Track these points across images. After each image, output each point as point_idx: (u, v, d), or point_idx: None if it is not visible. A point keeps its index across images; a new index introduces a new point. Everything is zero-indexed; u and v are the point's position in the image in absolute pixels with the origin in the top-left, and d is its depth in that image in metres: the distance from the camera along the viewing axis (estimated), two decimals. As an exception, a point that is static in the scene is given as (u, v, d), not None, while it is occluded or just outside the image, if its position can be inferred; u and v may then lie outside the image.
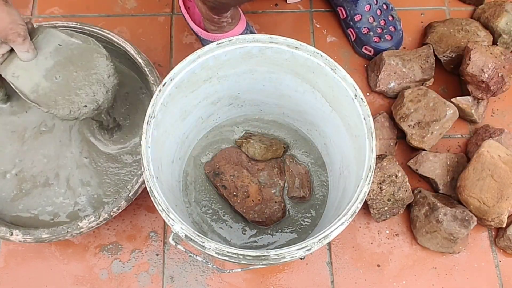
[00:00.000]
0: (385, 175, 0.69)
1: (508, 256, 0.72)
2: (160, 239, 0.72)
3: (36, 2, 0.88)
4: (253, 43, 0.57)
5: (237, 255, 0.47)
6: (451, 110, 0.72)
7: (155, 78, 0.69)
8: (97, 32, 0.71)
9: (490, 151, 0.68)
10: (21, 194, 0.70)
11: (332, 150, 0.69)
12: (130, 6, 0.88)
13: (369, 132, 0.53)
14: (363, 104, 0.54)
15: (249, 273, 0.70)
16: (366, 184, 0.51)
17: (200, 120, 0.70)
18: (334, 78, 0.57)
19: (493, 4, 0.84)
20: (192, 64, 0.56)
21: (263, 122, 0.75)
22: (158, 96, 0.55)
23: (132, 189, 0.63)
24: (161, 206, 0.49)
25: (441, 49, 0.81)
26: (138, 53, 0.70)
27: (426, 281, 0.70)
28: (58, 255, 0.70)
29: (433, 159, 0.73)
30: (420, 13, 0.89)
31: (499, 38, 0.81)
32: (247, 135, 0.73)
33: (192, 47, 0.85)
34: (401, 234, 0.73)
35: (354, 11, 0.82)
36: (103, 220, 0.61)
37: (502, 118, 0.81)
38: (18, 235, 0.61)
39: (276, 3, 0.90)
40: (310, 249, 0.48)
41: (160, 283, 0.69)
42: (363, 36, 0.82)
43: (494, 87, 0.73)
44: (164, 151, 0.61)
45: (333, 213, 0.63)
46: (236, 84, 0.66)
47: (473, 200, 0.67)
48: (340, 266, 0.71)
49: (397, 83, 0.78)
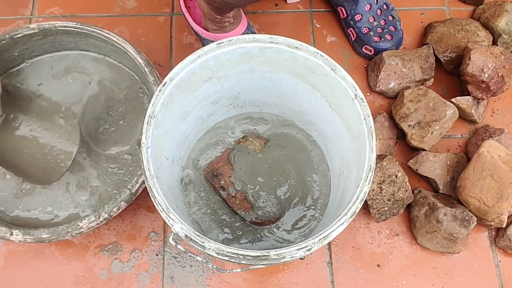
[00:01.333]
0: (385, 175, 0.69)
1: (508, 256, 0.72)
2: (160, 239, 0.72)
3: (36, 2, 0.88)
4: (253, 43, 0.57)
5: (237, 255, 0.47)
6: (451, 110, 0.72)
7: (155, 78, 0.69)
8: (97, 32, 0.71)
9: (490, 151, 0.68)
10: (21, 194, 0.70)
11: (332, 150, 0.69)
12: (130, 6, 0.88)
13: (369, 132, 0.53)
14: (363, 104, 0.54)
15: (249, 273, 0.70)
16: (366, 184, 0.51)
17: (200, 120, 0.70)
18: (334, 78, 0.57)
19: (493, 4, 0.84)
20: (192, 64, 0.56)
21: (263, 122, 0.75)
22: (158, 96, 0.55)
23: (132, 189, 0.63)
24: (161, 206, 0.50)
25: (441, 49, 0.81)
26: (138, 53, 0.70)
27: (426, 281, 0.70)
28: (58, 255, 0.70)
29: (433, 159, 0.73)
30: (420, 13, 0.89)
31: (499, 38, 0.81)
32: (244, 136, 0.73)
33: (192, 47, 0.85)
34: (401, 234, 0.73)
35: (355, 10, 0.82)
36: (103, 220, 0.61)
37: (502, 118, 0.81)
38: (18, 235, 0.61)
39: (276, 3, 0.90)
40: (310, 249, 0.48)
41: (160, 283, 0.69)
42: (363, 35, 0.82)
43: (494, 87, 0.73)
44: (164, 151, 0.61)
45: (333, 213, 0.63)
46: (236, 84, 0.66)
47: (473, 200, 0.67)
48: (340, 266, 0.71)
49: (397, 83, 0.78)
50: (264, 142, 0.71)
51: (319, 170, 0.72)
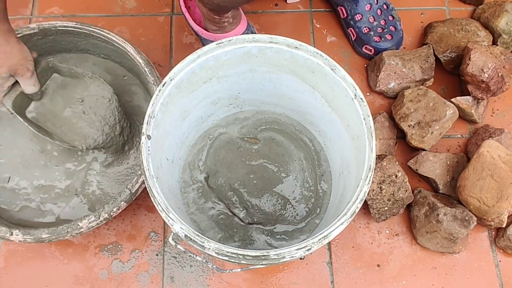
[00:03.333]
0: (385, 175, 0.69)
1: (508, 256, 0.72)
2: (160, 239, 0.72)
3: (36, 2, 0.88)
4: (253, 43, 0.57)
5: (237, 255, 0.47)
6: (451, 110, 0.72)
7: (155, 78, 0.69)
8: (97, 32, 0.71)
9: (490, 151, 0.68)
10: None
11: (332, 150, 0.69)
12: (130, 6, 0.88)
13: (369, 132, 0.53)
14: (363, 104, 0.54)
15: (249, 273, 0.70)
16: (366, 184, 0.51)
17: (200, 120, 0.70)
18: (334, 78, 0.57)
19: (493, 4, 0.84)
20: (192, 64, 0.56)
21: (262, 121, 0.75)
22: (158, 96, 0.55)
23: (132, 189, 0.63)
24: (161, 206, 0.50)
25: (441, 49, 0.81)
26: (138, 53, 0.70)
27: (426, 281, 0.70)
28: (58, 255, 0.70)
29: (433, 159, 0.73)
30: (420, 13, 0.89)
31: (499, 38, 0.81)
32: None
33: (192, 47, 0.85)
34: (401, 234, 0.73)
35: (355, 10, 0.82)
36: (103, 220, 0.61)
37: (502, 118, 0.81)
38: (18, 235, 0.61)
39: (276, 3, 0.90)
40: (310, 249, 0.48)
41: (160, 283, 0.69)
42: (363, 35, 0.82)
43: (494, 87, 0.73)
44: (164, 151, 0.61)
45: (333, 213, 0.64)
46: (236, 84, 0.66)
47: (473, 200, 0.67)
48: (340, 266, 0.71)
49: (397, 83, 0.78)
50: (258, 142, 0.71)
51: (319, 170, 0.72)
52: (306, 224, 0.68)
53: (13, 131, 0.73)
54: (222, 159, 0.71)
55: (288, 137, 0.73)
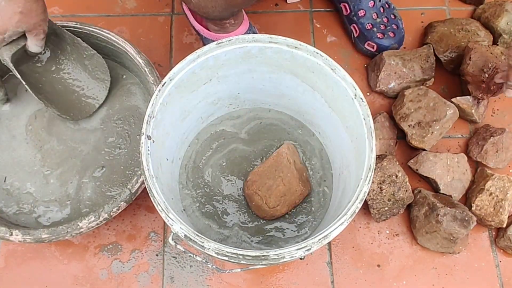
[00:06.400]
0: (385, 175, 0.69)
1: (508, 256, 0.72)
2: (160, 239, 0.72)
3: (36, 2, 0.88)
4: (253, 43, 0.57)
5: (237, 255, 0.47)
6: (451, 110, 0.72)
7: (155, 78, 0.69)
8: (97, 32, 0.71)
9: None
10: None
11: (332, 150, 0.69)
12: (130, 6, 0.88)
13: (369, 132, 0.53)
14: (363, 104, 0.54)
15: (249, 273, 0.70)
16: (366, 184, 0.51)
17: (200, 120, 0.70)
18: (333, 78, 0.57)
19: (493, 4, 0.84)
20: (192, 64, 0.56)
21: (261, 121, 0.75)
22: (157, 96, 0.55)
23: (132, 189, 0.63)
24: (161, 206, 0.49)
25: (441, 49, 0.81)
26: (138, 53, 0.70)
27: (426, 281, 0.70)
28: (58, 255, 0.70)
29: (433, 159, 0.73)
30: (420, 13, 0.89)
31: (499, 38, 0.81)
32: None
33: (192, 47, 0.85)
34: (401, 234, 0.73)
35: (358, 6, 0.82)
36: (103, 220, 0.61)
37: (503, 118, 0.81)
38: (18, 235, 0.61)
39: (276, 3, 0.90)
40: (310, 249, 0.48)
41: (160, 283, 0.69)
42: (366, 31, 0.82)
43: (494, 87, 0.73)
44: (164, 151, 0.61)
45: (333, 213, 0.63)
46: (236, 84, 0.66)
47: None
48: (340, 266, 0.71)
49: (397, 83, 0.78)
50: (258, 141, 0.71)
51: (319, 170, 0.72)
52: (306, 224, 0.68)
53: (10, 134, 0.73)
54: (222, 160, 0.71)
55: (289, 137, 0.73)
